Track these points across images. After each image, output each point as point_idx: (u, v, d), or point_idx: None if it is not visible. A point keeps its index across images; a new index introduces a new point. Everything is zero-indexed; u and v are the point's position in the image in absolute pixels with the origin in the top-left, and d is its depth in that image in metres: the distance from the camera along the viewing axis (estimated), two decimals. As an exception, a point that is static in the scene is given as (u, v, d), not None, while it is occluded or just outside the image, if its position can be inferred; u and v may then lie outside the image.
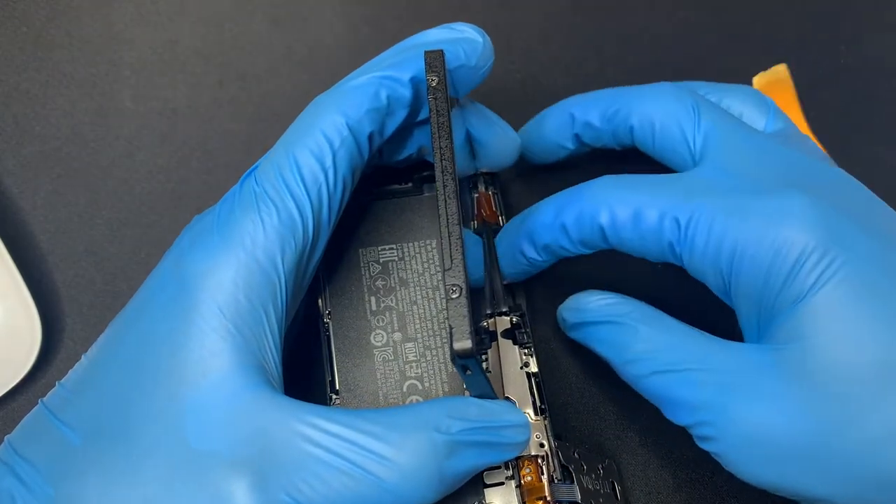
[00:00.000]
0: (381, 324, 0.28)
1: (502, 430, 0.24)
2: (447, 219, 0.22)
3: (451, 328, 0.21)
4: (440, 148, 0.23)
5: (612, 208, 0.26)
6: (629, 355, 0.26)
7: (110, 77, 0.38)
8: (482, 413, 0.23)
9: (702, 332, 0.26)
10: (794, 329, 0.23)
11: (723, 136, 0.27)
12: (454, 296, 0.21)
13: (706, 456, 0.25)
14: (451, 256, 0.21)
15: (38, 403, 0.24)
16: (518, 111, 0.37)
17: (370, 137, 0.25)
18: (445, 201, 0.22)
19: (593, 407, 0.32)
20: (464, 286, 0.21)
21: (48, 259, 0.34)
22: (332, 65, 0.38)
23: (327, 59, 0.39)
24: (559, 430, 0.30)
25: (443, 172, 0.23)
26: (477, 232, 0.31)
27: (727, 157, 0.27)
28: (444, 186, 0.22)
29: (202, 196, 0.36)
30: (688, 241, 0.25)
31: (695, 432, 0.25)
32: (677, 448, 0.31)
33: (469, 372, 0.22)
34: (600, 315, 0.27)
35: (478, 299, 0.29)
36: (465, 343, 0.20)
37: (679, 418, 0.25)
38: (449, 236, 0.22)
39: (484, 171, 0.32)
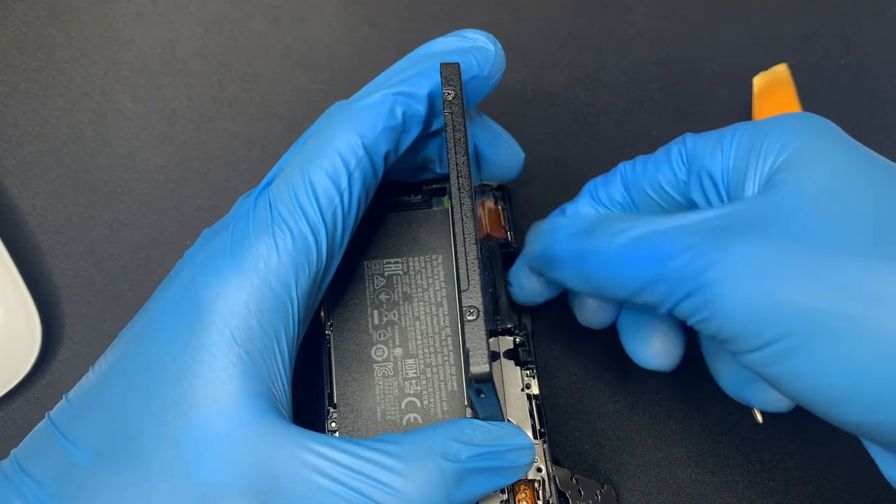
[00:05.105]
0: (382, 338, 0.27)
1: (508, 454, 0.23)
2: (464, 238, 0.21)
3: (467, 351, 0.20)
4: (457, 164, 0.23)
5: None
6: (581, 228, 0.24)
7: (110, 77, 0.38)
8: (488, 437, 0.23)
9: None
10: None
11: None
12: (471, 318, 0.20)
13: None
14: (468, 277, 0.21)
15: (45, 417, 0.23)
16: (518, 112, 0.38)
17: (385, 156, 0.25)
18: (462, 220, 0.22)
19: (593, 426, 0.31)
20: (481, 308, 0.20)
21: (48, 259, 0.34)
22: (332, 65, 0.38)
23: (327, 59, 0.39)
24: (557, 453, 0.30)
25: (459, 190, 0.22)
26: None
27: None
28: (461, 204, 0.22)
29: (202, 196, 0.36)
30: None
31: (685, 303, 0.22)
32: (677, 472, 0.31)
33: (482, 395, 0.22)
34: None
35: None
36: (483, 367, 0.20)
37: (662, 287, 0.22)
38: (466, 256, 0.21)
39: (490, 183, 0.32)
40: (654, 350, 0.28)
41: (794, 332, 0.20)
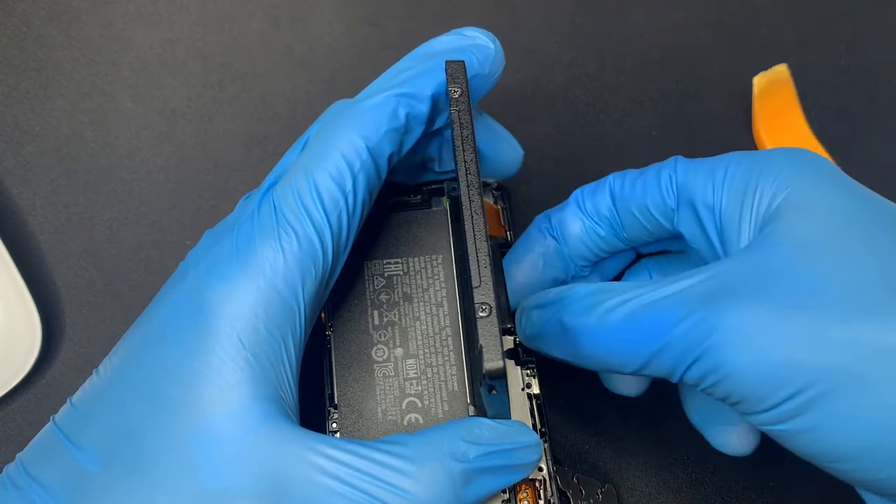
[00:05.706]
0: (382, 339, 0.27)
1: (515, 452, 0.23)
2: (474, 235, 0.21)
3: (481, 347, 0.20)
4: (465, 161, 0.22)
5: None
6: (586, 301, 0.24)
7: (110, 77, 0.38)
8: (495, 435, 0.23)
9: None
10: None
11: None
12: (483, 314, 0.20)
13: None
14: (479, 274, 0.21)
15: (48, 419, 0.23)
16: (518, 112, 0.38)
17: (389, 158, 0.25)
18: (472, 217, 0.22)
19: (594, 426, 0.32)
20: (493, 304, 0.21)
21: (48, 259, 0.34)
22: (332, 65, 0.38)
23: (327, 59, 0.39)
24: (558, 452, 0.30)
25: (468, 187, 0.22)
26: None
27: None
28: (471, 202, 0.22)
29: (202, 196, 0.36)
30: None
31: (692, 370, 0.22)
32: (677, 472, 0.31)
33: (494, 391, 0.22)
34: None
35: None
36: (497, 363, 0.20)
37: (667, 358, 0.22)
38: (477, 253, 0.21)
39: (490, 182, 0.32)
40: (621, 379, 0.29)
41: (802, 392, 0.20)
